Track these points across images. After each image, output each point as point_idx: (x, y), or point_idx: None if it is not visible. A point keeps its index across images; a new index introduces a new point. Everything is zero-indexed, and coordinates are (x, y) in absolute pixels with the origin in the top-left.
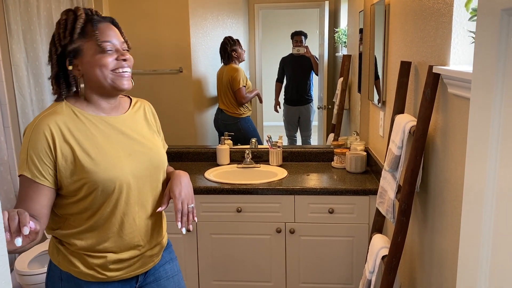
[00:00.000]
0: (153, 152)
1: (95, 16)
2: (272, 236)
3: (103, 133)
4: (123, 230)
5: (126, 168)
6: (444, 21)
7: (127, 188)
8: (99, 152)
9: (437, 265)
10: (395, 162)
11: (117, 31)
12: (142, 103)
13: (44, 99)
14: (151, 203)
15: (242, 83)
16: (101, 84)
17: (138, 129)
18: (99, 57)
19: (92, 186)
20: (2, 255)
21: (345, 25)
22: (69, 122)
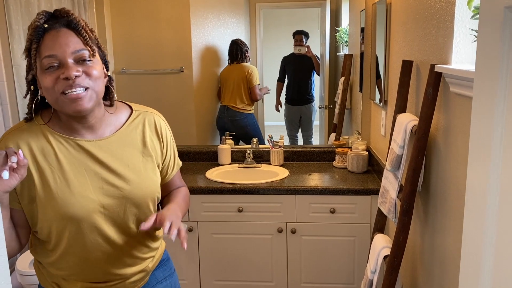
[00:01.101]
0: (132, 187)
1: (45, 24)
2: (273, 236)
3: (72, 161)
4: (86, 267)
5: (92, 205)
6: (446, 20)
7: (89, 227)
8: (61, 184)
9: (439, 265)
10: (397, 162)
11: (70, 38)
12: (144, 118)
13: None
14: (125, 241)
15: (258, 81)
16: (54, 108)
17: (123, 157)
18: (40, 77)
19: (47, 221)
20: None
21: (346, 24)
22: (35, 144)
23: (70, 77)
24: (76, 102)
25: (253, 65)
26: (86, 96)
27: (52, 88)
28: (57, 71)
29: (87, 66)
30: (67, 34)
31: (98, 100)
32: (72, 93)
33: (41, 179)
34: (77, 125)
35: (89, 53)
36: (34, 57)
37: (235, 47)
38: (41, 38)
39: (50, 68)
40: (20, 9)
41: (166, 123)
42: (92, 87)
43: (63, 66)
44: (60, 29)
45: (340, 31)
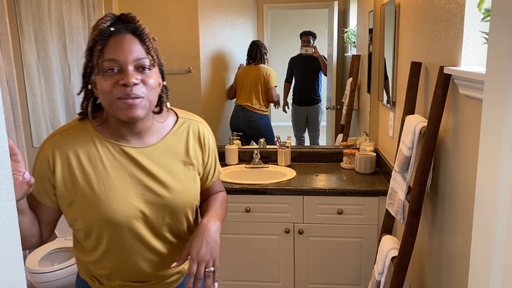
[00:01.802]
0: (173, 195)
1: (111, 28)
2: (280, 237)
3: (117, 167)
4: (126, 268)
5: (133, 211)
6: (456, 22)
7: (129, 232)
8: (105, 188)
9: (447, 267)
10: (405, 163)
11: (134, 45)
12: (189, 125)
13: (54, 98)
14: (163, 245)
15: (276, 83)
16: (108, 111)
17: (167, 165)
18: (98, 79)
19: (88, 223)
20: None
21: (354, 25)
22: (81, 148)
23: (129, 84)
24: (131, 109)
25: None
26: (140, 104)
27: (110, 92)
28: (117, 75)
29: (146, 75)
30: (132, 40)
31: (151, 108)
32: (128, 101)
33: (86, 183)
34: (125, 130)
35: (150, 62)
36: (96, 58)
37: (255, 48)
38: (106, 41)
39: (109, 71)
40: (31, 9)
41: (209, 131)
42: (147, 96)
43: (122, 72)
44: (125, 34)
45: (348, 32)
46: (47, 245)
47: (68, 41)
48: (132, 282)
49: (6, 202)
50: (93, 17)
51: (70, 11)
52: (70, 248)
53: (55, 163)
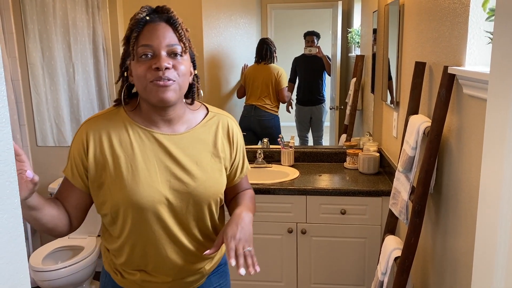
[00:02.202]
0: (197, 184)
1: (147, 17)
2: (283, 236)
3: (146, 151)
4: (147, 256)
5: (157, 196)
6: (460, 21)
7: (153, 217)
8: (132, 172)
9: (450, 267)
10: (409, 163)
11: (167, 32)
12: (219, 119)
13: (58, 97)
14: (185, 236)
15: (286, 83)
16: (141, 95)
17: (194, 154)
18: (133, 65)
19: (114, 206)
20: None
21: (358, 25)
22: (114, 131)
23: (161, 67)
24: (162, 91)
25: None
26: (171, 87)
27: (144, 76)
28: (150, 61)
29: (177, 61)
30: (165, 28)
31: (181, 94)
32: (160, 83)
33: (114, 165)
34: (156, 117)
35: (181, 48)
36: (132, 45)
37: (264, 47)
38: (141, 29)
39: (144, 56)
40: (36, 8)
41: (238, 127)
42: (178, 81)
43: (155, 57)
44: (160, 23)
45: (352, 32)
46: (50, 243)
47: (73, 40)
48: (151, 275)
49: (10, 199)
50: (98, 17)
51: (74, 11)
52: (73, 247)
53: (88, 145)
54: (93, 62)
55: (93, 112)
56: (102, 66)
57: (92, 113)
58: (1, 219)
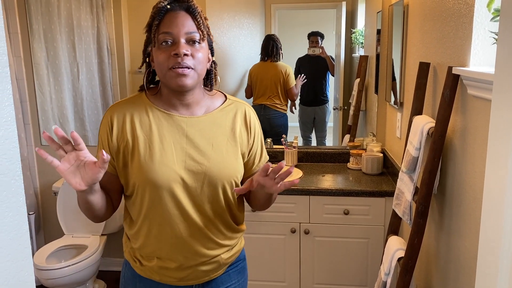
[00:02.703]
0: (211, 164)
1: (168, 5)
2: (286, 236)
3: (163, 133)
4: (163, 237)
5: (173, 175)
6: (465, 22)
7: (168, 196)
8: (150, 152)
9: (454, 268)
10: (412, 164)
11: (186, 20)
12: (236, 107)
13: (63, 97)
14: (200, 218)
15: (294, 81)
16: (161, 81)
17: (210, 136)
18: (154, 51)
19: (133, 184)
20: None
21: (362, 25)
22: (136, 114)
23: (179, 53)
24: (180, 77)
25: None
26: (189, 74)
27: (164, 63)
28: (170, 48)
29: (195, 48)
30: (185, 16)
31: (199, 80)
32: (178, 70)
33: (133, 145)
34: (176, 101)
35: (199, 36)
36: (154, 33)
37: (271, 43)
38: (162, 17)
39: (164, 43)
40: (41, 8)
41: (256, 116)
42: (196, 67)
43: (175, 44)
44: (179, 11)
45: (356, 33)
46: (54, 242)
47: (77, 40)
48: (167, 262)
49: (15, 197)
50: (102, 17)
51: (79, 11)
52: (77, 246)
53: (112, 127)
54: (97, 61)
55: (97, 112)
56: (106, 65)
57: (96, 112)
58: (7, 217)
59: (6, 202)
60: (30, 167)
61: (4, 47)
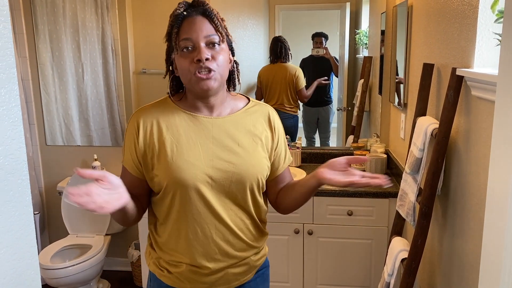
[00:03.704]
0: (240, 161)
1: (185, 12)
2: (290, 237)
3: (190, 134)
4: (193, 239)
5: (200, 174)
6: (469, 23)
7: (197, 195)
8: (177, 152)
9: (457, 270)
10: (416, 165)
11: (204, 24)
12: (260, 109)
13: (68, 97)
14: (229, 217)
15: (305, 82)
16: (186, 86)
17: (235, 136)
18: (177, 58)
19: (161, 185)
20: (31, 246)
21: (366, 26)
22: (162, 118)
23: (201, 59)
24: (204, 81)
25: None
26: (212, 77)
27: (187, 70)
28: (191, 54)
29: (216, 51)
30: (202, 21)
31: (222, 81)
32: (202, 74)
33: (160, 148)
34: (200, 104)
35: (219, 38)
36: (174, 41)
37: (279, 45)
38: (180, 24)
39: (185, 49)
40: (46, 9)
41: (278, 117)
42: (218, 70)
43: (195, 49)
44: (196, 16)
45: (360, 33)
46: (58, 242)
47: (82, 40)
48: (197, 267)
49: (22, 197)
50: (107, 18)
51: (84, 11)
52: (81, 245)
53: (138, 131)
54: (102, 62)
55: (101, 111)
56: (110, 66)
57: (100, 112)
58: (13, 216)
59: (13, 201)
60: (35, 166)
61: (11, 48)
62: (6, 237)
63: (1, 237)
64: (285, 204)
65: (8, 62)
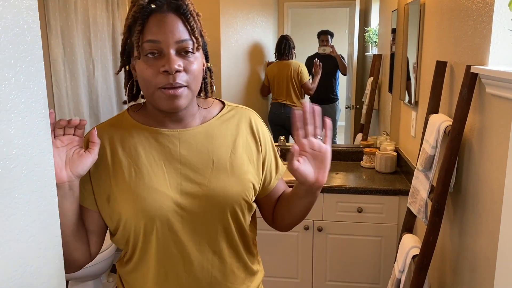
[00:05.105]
0: (214, 185)
1: (152, 4)
2: (299, 233)
3: (152, 154)
4: (163, 283)
5: (165, 201)
6: (484, 21)
7: (163, 230)
8: (135, 177)
9: (469, 268)
10: (428, 162)
11: (176, 25)
12: (239, 114)
13: (79, 93)
14: (207, 256)
15: (308, 76)
16: (147, 99)
17: (208, 150)
18: (138, 64)
19: (118, 219)
20: (56, 235)
21: (376, 24)
22: (117, 136)
23: (171, 71)
24: (172, 99)
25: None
26: (183, 94)
27: (150, 82)
28: (157, 61)
29: (189, 60)
30: (174, 20)
31: (193, 96)
32: (169, 91)
33: (117, 172)
34: (165, 118)
35: (193, 44)
36: (136, 38)
37: (283, 42)
38: (146, 19)
39: (150, 55)
40: (58, 5)
41: (263, 122)
42: (190, 85)
43: (163, 57)
44: (167, 13)
45: (369, 31)
46: None
47: (93, 37)
48: None
49: (48, 187)
50: (117, 14)
51: (95, 8)
52: None
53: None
54: (112, 58)
55: (111, 107)
56: None
57: (110, 108)
58: (40, 206)
59: (40, 191)
60: None
61: (39, 42)
62: (33, 225)
63: (29, 225)
64: (284, 221)
65: (37, 56)
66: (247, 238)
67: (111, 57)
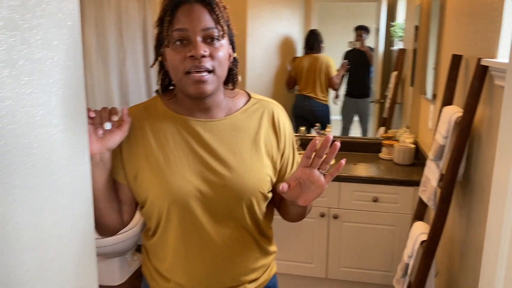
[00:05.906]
0: (233, 175)
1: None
2: (315, 220)
3: (178, 141)
4: (179, 260)
5: (187, 186)
6: (496, 15)
7: (184, 213)
8: (162, 160)
9: (474, 255)
10: (439, 151)
11: (203, 14)
12: (263, 107)
13: (110, 81)
14: (222, 238)
15: (336, 71)
16: (177, 85)
17: (232, 142)
18: (168, 52)
19: (145, 198)
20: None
21: (402, 19)
22: (148, 120)
23: (197, 55)
24: (198, 84)
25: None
26: (209, 79)
27: (179, 67)
28: (185, 48)
29: (214, 47)
30: (201, 10)
31: (219, 83)
32: (196, 75)
33: (145, 155)
34: (192, 106)
35: (219, 32)
36: (166, 29)
37: (313, 37)
38: (175, 11)
39: (178, 42)
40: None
41: (285, 115)
42: (216, 70)
43: (190, 43)
44: (194, 3)
45: (395, 26)
46: None
47: (125, 27)
48: (183, 285)
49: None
50: (148, 5)
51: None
52: None
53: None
54: (142, 49)
55: (140, 96)
56: (150, 53)
57: (140, 97)
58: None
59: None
60: None
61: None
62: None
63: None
64: (286, 217)
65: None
66: (261, 225)
67: (141, 47)
